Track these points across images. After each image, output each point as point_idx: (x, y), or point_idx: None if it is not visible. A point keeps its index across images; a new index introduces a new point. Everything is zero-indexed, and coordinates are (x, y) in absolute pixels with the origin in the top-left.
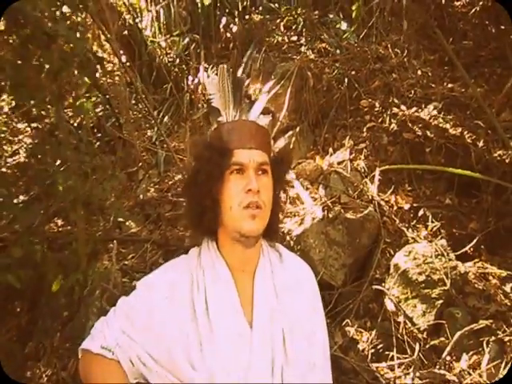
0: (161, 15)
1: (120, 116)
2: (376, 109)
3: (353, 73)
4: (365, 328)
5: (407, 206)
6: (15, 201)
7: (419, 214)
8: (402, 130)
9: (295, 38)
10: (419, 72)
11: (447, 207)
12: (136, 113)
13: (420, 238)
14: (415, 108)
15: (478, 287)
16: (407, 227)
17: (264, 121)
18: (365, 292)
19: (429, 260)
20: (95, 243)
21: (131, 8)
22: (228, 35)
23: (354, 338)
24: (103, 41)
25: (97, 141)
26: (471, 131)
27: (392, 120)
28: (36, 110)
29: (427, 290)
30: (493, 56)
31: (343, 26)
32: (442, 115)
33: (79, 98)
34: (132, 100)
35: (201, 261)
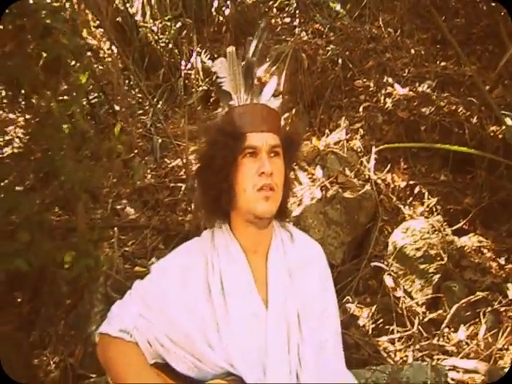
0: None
1: (114, 103)
2: (370, 88)
3: (347, 53)
4: (365, 304)
5: (403, 184)
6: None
7: (415, 192)
8: (397, 109)
9: (288, 20)
10: (412, 51)
11: (442, 184)
12: (129, 99)
13: (416, 215)
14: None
15: (474, 260)
16: (404, 204)
17: (275, 103)
18: (364, 269)
19: (426, 236)
20: (100, 230)
21: None
22: (221, 18)
23: (355, 314)
24: (93, 27)
25: (91, 128)
26: (465, 108)
27: (387, 99)
28: (30, 99)
29: (425, 265)
30: (484, 33)
31: (337, 7)
32: (436, 93)
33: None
34: (125, 86)
35: (215, 243)
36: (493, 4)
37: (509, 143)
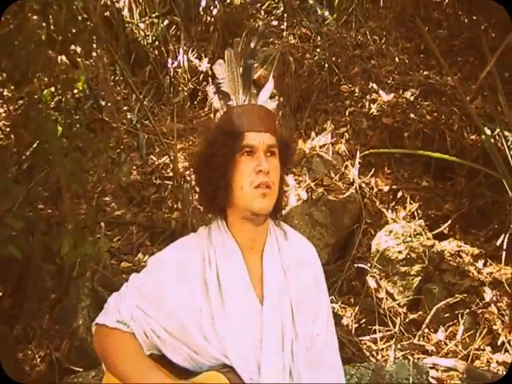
0: None
1: (99, 98)
2: (356, 94)
3: (333, 59)
4: (348, 304)
5: (387, 188)
6: None
7: (398, 196)
8: (382, 115)
9: (276, 23)
10: (397, 59)
11: (424, 189)
12: (115, 95)
13: (399, 219)
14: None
15: (453, 264)
16: (387, 208)
17: (271, 105)
18: (348, 270)
19: (407, 239)
20: (88, 221)
21: None
22: (208, 18)
23: (339, 314)
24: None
25: (75, 123)
26: (446, 117)
27: (371, 105)
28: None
29: (406, 268)
30: (465, 45)
31: (325, 13)
32: (419, 101)
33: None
34: (111, 82)
35: (211, 239)
36: (474, 17)
37: (487, 152)
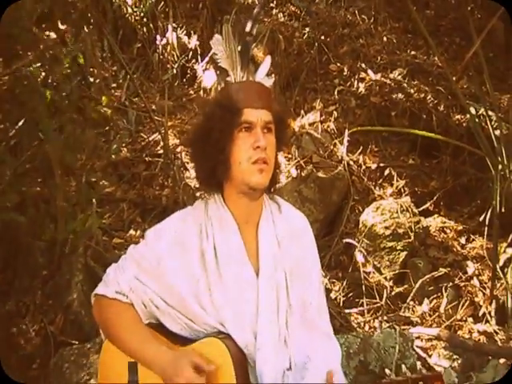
0: None
1: (87, 74)
2: (345, 73)
3: (322, 37)
4: (337, 278)
5: (374, 166)
6: None
7: (385, 173)
8: (370, 94)
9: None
10: (385, 39)
11: (410, 167)
12: (103, 72)
13: (386, 196)
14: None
15: (438, 239)
16: (374, 185)
17: (268, 82)
18: (336, 245)
19: (394, 215)
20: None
21: None
22: None
23: (327, 288)
24: None
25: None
26: (433, 96)
27: (360, 84)
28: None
29: (393, 243)
30: (452, 26)
31: None
32: (407, 81)
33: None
34: (99, 58)
35: (208, 213)
36: None
37: (472, 131)
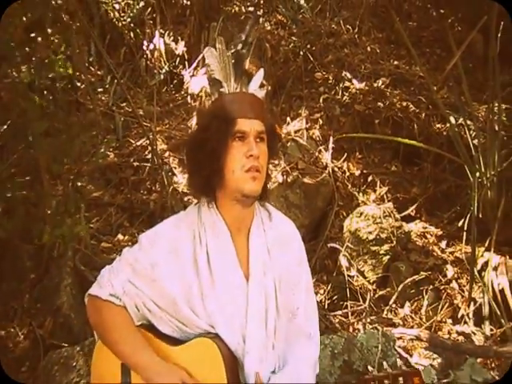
0: None
1: (74, 78)
2: (330, 81)
3: (308, 46)
4: (322, 282)
5: (358, 173)
6: None
7: (369, 180)
8: (354, 103)
9: (252, 9)
10: (368, 48)
11: (393, 174)
12: (89, 76)
13: (369, 201)
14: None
15: (419, 244)
16: (358, 191)
17: (261, 93)
18: (321, 250)
19: (377, 221)
20: (68, 204)
21: None
22: (185, 1)
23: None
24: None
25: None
26: (415, 106)
27: (344, 93)
28: None
29: (376, 247)
30: (433, 38)
31: (301, 1)
32: (389, 90)
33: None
34: (86, 63)
35: (201, 219)
36: (442, 11)
37: (452, 140)
